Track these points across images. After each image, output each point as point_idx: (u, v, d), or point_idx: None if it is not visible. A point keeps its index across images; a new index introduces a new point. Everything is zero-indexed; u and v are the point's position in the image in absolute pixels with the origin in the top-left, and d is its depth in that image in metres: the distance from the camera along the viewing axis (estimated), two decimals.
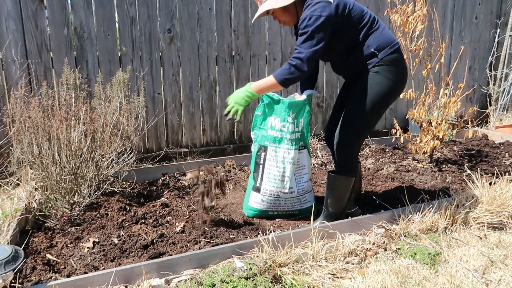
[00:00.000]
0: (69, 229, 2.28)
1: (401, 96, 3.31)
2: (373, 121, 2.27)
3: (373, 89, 2.15)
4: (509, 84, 4.84)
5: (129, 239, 2.13)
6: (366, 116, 2.19)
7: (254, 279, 1.78)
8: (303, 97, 2.50)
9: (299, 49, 2.03)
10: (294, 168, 2.50)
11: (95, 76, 3.35)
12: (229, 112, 2.17)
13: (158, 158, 3.50)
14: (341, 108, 2.35)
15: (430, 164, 3.42)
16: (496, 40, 4.99)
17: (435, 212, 2.36)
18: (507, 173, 3.02)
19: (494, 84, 5.06)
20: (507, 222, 2.39)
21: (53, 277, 1.84)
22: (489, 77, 5.07)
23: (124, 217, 2.38)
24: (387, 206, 2.57)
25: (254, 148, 2.57)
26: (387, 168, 3.39)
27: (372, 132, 4.53)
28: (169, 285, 1.82)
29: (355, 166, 2.37)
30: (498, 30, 4.98)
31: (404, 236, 2.24)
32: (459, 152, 3.80)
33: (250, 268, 1.82)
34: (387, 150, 3.91)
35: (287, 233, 2.08)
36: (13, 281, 1.73)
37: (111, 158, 2.69)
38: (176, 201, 2.74)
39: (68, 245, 2.12)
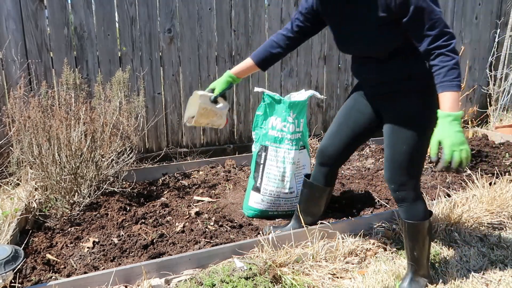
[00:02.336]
0: (69, 229, 2.28)
1: None
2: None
3: (428, 123, 1.60)
4: (509, 84, 4.84)
5: (129, 239, 2.13)
6: (424, 145, 1.69)
7: (254, 279, 1.78)
8: (303, 97, 2.50)
9: (438, 34, 1.48)
10: (294, 168, 2.50)
11: (95, 76, 3.35)
12: (448, 164, 1.45)
13: (158, 158, 3.50)
14: (355, 134, 1.90)
15: (430, 164, 3.42)
16: (496, 40, 4.99)
17: (435, 212, 2.36)
18: (507, 173, 3.02)
19: (494, 84, 5.06)
20: (507, 222, 2.39)
21: (53, 277, 1.84)
22: (489, 77, 5.07)
23: (124, 217, 2.38)
24: (387, 206, 2.58)
25: (255, 148, 2.57)
26: None
27: None
28: (169, 285, 1.82)
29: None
30: (498, 30, 4.98)
31: None
32: None
33: (250, 268, 1.82)
34: None
35: (287, 233, 2.08)
36: (13, 281, 1.73)
37: (111, 158, 2.69)
38: (176, 201, 2.74)
39: (68, 245, 2.12)
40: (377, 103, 1.81)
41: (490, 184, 2.63)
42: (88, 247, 2.08)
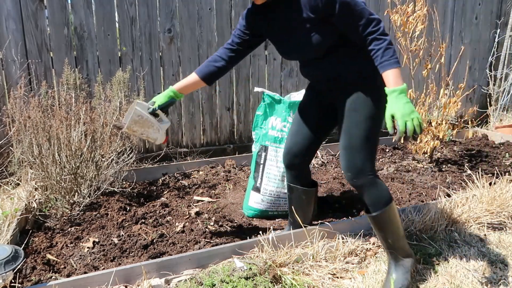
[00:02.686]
0: (69, 229, 2.28)
1: None
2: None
3: (378, 105, 1.71)
4: (509, 84, 4.84)
5: (129, 239, 2.13)
6: (374, 127, 1.75)
7: (254, 279, 1.78)
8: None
9: (371, 23, 1.59)
10: None
11: (95, 76, 3.35)
12: (404, 134, 1.56)
13: (158, 158, 3.50)
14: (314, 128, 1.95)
15: (430, 164, 3.42)
16: (496, 40, 4.99)
17: (435, 212, 2.36)
18: (507, 173, 3.02)
19: (494, 84, 5.06)
20: (507, 222, 2.39)
21: (53, 277, 1.84)
22: (489, 77, 5.07)
23: (124, 217, 2.38)
24: None
25: (254, 148, 2.57)
26: (387, 168, 3.39)
27: None
28: (169, 285, 1.82)
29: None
30: (498, 30, 4.98)
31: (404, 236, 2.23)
32: (459, 152, 3.80)
33: (250, 268, 1.82)
34: (387, 150, 3.91)
35: (287, 233, 2.08)
36: (13, 281, 1.73)
37: (111, 158, 2.69)
38: (176, 201, 2.74)
39: (68, 245, 2.12)
40: (329, 96, 1.88)
41: (490, 184, 2.63)
42: (88, 247, 2.08)
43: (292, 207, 2.13)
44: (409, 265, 1.84)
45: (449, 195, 2.70)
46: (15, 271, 1.73)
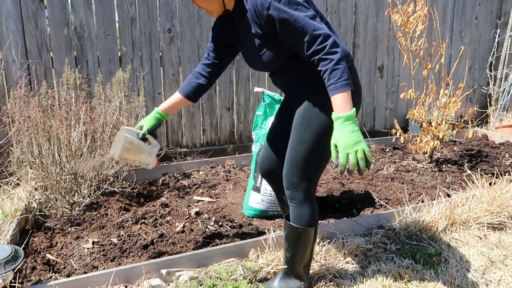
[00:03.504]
0: (69, 229, 2.28)
1: (401, 96, 3.33)
2: (327, 157, 1.62)
3: (324, 115, 1.57)
4: (509, 84, 4.84)
5: (129, 239, 2.13)
6: (319, 149, 1.61)
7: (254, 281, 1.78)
8: None
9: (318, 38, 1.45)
10: None
11: (95, 76, 3.35)
12: (345, 168, 1.40)
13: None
14: (280, 136, 1.83)
15: (430, 164, 3.42)
16: (496, 40, 4.99)
17: (435, 212, 2.36)
18: (507, 173, 3.02)
19: (494, 84, 5.06)
20: (507, 222, 2.39)
21: (53, 277, 1.84)
22: (489, 77, 5.07)
23: (124, 217, 2.38)
24: (387, 206, 2.58)
25: (255, 148, 2.57)
26: (387, 168, 3.39)
27: (372, 132, 4.54)
28: (169, 285, 1.82)
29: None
30: (498, 30, 4.98)
31: (404, 236, 2.24)
32: (459, 152, 3.80)
33: (252, 271, 1.83)
34: (387, 150, 3.91)
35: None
36: (13, 281, 1.73)
37: None
38: (176, 201, 2.74)
39: (68, 245, 2.12)
40: (293, 104, 1.75)
41: (490, 184, 2.63)
42: (88, 247, 2.08)
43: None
44: (292, 286, 1.75)
45: (449, 195, 2.70)
46: (15, 271, 1.73)
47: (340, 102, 1.41)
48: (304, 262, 1.75)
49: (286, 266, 1.77)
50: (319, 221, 2.26)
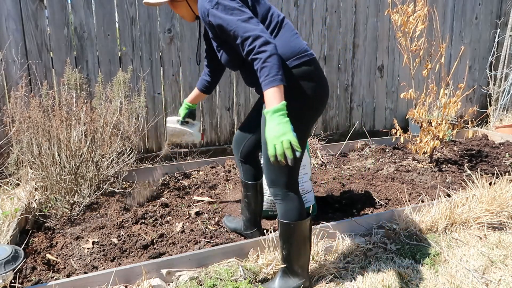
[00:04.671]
0: (69, 229, 2.28)
1: (401, 96, 3.33)
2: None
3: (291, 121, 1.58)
4: (509, 84, 4.84)
5: (129, 239, 2.13)
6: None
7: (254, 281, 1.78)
8: None
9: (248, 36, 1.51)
10: None
11: (95, 76, 3.35)
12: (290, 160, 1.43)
13: (158, 158, 3.51)
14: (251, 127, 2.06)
15: (430, 164, 3.42)
16: (496, 40, 4.99)
17: (435, 212, 2.36)
18: (507, 173, 3.02)
19: (494, 84, 5.06)
20: (507, 222, 2.39)
21: (53, 277, 1.84)
22: (489, 77, 5.07)
23: (124, 217, 2.38)
24: (387, 206, 2.58)
25: None
26: (387, 168, 3.39)
27: (372, 132, 4.55)
28: (169, 285, 1.82)
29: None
30: (498, 30, 4.98)
31: (404, 236, 2.24)
32: (459, 152, 3.80)
33: (252, 273, 1.83)
34: (387, 150, 3.91)
35: None
36: (13, 281, 1.73)
37: (111, 158, 2.69)
38: (176, 201, 2.74)
39: (68, 245, 2.12)
40: (262, 101, 1.90)
41: (490, 184, 2.63)
42: (88, 247, 2.09)
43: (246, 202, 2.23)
44: (291, 285, 1.76)
45: (449, 195, 2.70)
46: (15, 271, 1.73)
47: (268, 98, 1.46)
48: (301, 259, 1.77)
49: (284, 265, 1.77)
50: (321, 222, 2.26)
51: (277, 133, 1.42)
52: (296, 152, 1.41)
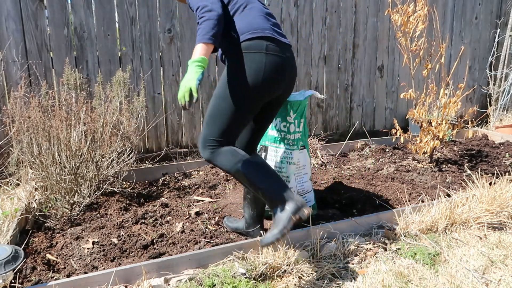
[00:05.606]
0: (69, 229, 2.28)
1: (401, 96, 3.33)
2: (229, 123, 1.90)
3: (228, 82, 1.87)
4: (509, 84, 4.84)
5: (129, 239, 2.13)
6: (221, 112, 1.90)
7: (255, 283, 1.78)
8: (303, 97, 2.50)
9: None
10: (295, 168, 2.50)
11: (95, 76, 3.35)
12: (185, 103, 1.70)
13: (158, 158, 3.51)
14: None
15: (430, 164, 3.42)
16: (496, 40, 4.99)
17: (435, 212, 2.36)
18: (507, 173, 3.02)
19: (494, 84, 5.06)
20: (507, 222, 2.39)
21: (53, 277, 1.84)
22: (489, 77, 5.07)
23: (124, 217, 2.38)
24: (387, 206, 2.58)
25: None
26: (387, 168, 3.39)
27: (372, 132, 4.55)
28: (169, 285, 1.82)
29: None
30: (498, 30, 4.98)
31: (404, 236, 2.24)
32: (459, 152, 3.80)
33: (251, 275, 1.82)
34: (387, 150, 3.91)
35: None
36: (13, 281, 1.73)
37: (111, 158, 2.69)
38: (176, 201, 2.74)
39: (68, 245, 2.12)
40: None
41: (490, 184, 2.63)
42: (88, 247, 2.08)
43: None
44: (285, 217, 1.81)
45: (449, 195, 2.70)
46: (15, 271, 1.73)
47: (194, 51, 1.74)
48: (264, 187, 1.89)
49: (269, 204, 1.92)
50: (321, 222, 2.26)
51: (185, 79, 1.70)
52: (193, 98, 1.69)
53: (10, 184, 2.84)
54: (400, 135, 3.46)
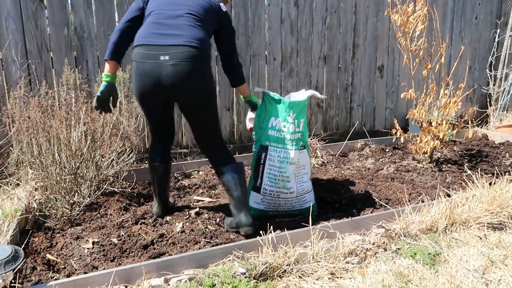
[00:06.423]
0: (69, 229, 2.28)
1: (401, 96, 3.33)
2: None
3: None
4: (509, 84, 4.84)
5: (129, 239, 2.13)
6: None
7: (254, 280, 1.78)
8: (303, 97, 2.50)
9: None
10: (295, 168, 2.50)
11: (95, 76, 3.35)
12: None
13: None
14: None
15: (430, 164, 3.42)
16: (496, 40, 4.99)
17: (435, 212, 2.36)
18: (507, 173, 3.02)
19: (494, 84, 5.06)
20: (507, 222, 2.39)
21: (53, 277, 1.84)
22: (489, 77, 5.07)
23: (124, 217, 2.38)
24: (387, 206, 2.58)
25: (255, 148, 2.57)
26: (387, 168, 3.39)
27: (372, 132, 4.55)
28: (169, 285, 1.82)
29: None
30: (498, 30, 4.98)
31: (404, 236, 2.24)
32: (459, 152, 3.80)
33: (251, 274, 1.83)
34: (387, 150, 3.91)
35: (287, 233, 2.08)
36: (13, 281, 1.73)
37: (111, 158, 2.69)
38: (176, 201, 2.73)
39: (68, 245, 2.12)
40: None
41: (490, 184, 2.63)
42: (88, 247, 2.08)
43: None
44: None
45: (449, 195, 2.70)
46: (15, 271, 1.73)
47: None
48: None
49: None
50: (321, 222, 2.26)
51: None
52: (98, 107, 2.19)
53: (10, 184, 2.84)
54: (400, 135, 3.46)
